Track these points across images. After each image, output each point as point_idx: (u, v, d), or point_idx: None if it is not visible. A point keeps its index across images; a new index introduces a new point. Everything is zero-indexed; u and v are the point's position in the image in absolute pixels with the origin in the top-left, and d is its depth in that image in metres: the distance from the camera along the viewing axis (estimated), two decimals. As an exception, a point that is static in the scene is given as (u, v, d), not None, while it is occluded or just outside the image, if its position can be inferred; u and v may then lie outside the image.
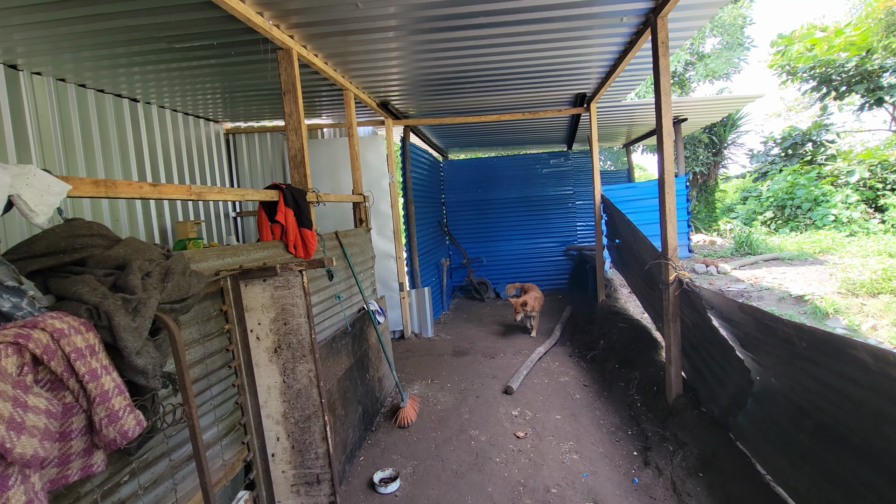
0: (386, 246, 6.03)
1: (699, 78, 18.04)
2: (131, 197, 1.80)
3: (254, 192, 2.89)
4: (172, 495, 1.78)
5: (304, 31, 3.34)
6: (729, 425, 2.92)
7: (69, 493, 1.39)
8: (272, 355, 2.35)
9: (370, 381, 4.03)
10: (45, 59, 3.59)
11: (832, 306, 5.58)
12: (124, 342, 1.32)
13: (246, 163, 6.51)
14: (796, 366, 2.12)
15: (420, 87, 5.09)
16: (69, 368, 1.18)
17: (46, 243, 1.37)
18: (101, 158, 4.37)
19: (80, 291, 1.31)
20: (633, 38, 3.90)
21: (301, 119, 3.36)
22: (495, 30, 3.56)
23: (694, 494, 2.66)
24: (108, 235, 1.52)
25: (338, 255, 3.81)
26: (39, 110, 3.86)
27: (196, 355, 2.04)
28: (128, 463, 1.61)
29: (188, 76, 4.25)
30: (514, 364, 5.09)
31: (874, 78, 12.20)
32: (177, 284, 1.59)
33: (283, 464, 2.42)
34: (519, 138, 9.57)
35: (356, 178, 4.72)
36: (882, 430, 1.69)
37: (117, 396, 1.26)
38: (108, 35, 3.23)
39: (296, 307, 2.31)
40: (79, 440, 1.22)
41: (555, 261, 9.55)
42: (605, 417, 3.83)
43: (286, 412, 2.39)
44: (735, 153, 16.74)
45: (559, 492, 2.90)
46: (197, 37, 3.34)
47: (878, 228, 10.94)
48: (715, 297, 2.76)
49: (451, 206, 9.57)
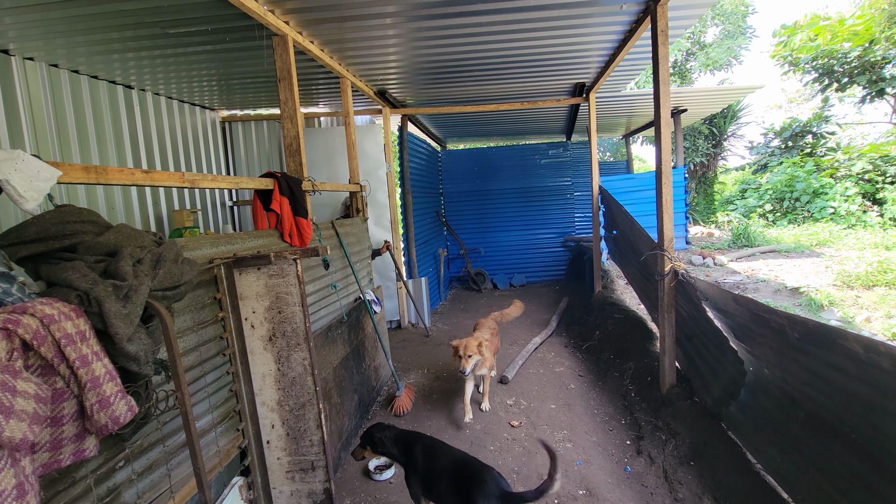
0: (383, 236, 6.02)
1: (700, 68, 17.90)
2: (123, 184, 1.79)
3: (248, 180, 2.87)
4: (167, 481, 1.79)
5: (300, 17, 3.29)
6: (721, 415, 2.94)
7: (63, 477, 1.40)
8: (267, 343, 2.36)
9: (366, 370, 4.05)
10: (37, 43, 3.54)
11: (827, 298, 5.61)
12: (115, 328, 1.31)
13: (242, 151, 6.47)
14: (789, 357, 2.13)
15: (418, 76, 5.04)
16: (60, 354, 1.18)
17: (36, 229, 1.36)
18: (96, 146, 4.33)
19: (70, 277, 1.30)
20: (633, 26, 3.86)
21: (297, 107, 3.32)
22: (494, 17, 3.52)
23: (685, 483, 2.70)
24: (99, 222, 1.51)
25: (334, 244, 3.80)
26: (32, 96, 3.81)
27: (190, 343, 2.04)
28: (122, 449, 1.62)
29: (183, 63, 4.20)
30: (510, 354, 5.12)
31: (876, 69, 12.11)
32: (169, 271, 1.58)
33: (278, 451, 2.44)
34: (518, 128, 9.51)
35: (353, 167, 4.70)
36: (872, 421, 1.70)
37: (108, 382, 1.27)
38: (100, 19, 3.18)
39: (290, 296, 2.31)
40: (70, 425, 1.22)
41: (552, 252, 9.55)
42: (599, 407, 3.86)
43: (281, 400, 2.40)
44: (735, 145, 16.68)
45: (552, 479, 2.93)
46: (191, 22, 3.29)
47: (875, 221, 10.95)
48: (710, 289, 2.76)
49: (448, 197, 9.54)
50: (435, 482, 2.32)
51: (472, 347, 3.56)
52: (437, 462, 2.35)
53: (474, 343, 3.60)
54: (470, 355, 3.54)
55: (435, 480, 2.32)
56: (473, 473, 2.21)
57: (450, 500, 2.27)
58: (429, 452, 2.42)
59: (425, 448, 2.45)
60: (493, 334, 4.10)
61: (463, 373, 3.55)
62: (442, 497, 2.31)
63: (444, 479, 2.29)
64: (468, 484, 2.17)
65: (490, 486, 2.12)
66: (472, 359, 3.54)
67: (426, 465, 2.37)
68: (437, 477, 2.31)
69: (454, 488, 2.23)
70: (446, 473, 2.29)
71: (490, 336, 3.96)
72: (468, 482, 2.18)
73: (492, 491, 2.09)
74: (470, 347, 3.56)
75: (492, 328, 4.19)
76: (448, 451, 2.44)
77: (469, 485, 2.16)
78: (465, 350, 3.55)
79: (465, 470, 2.26)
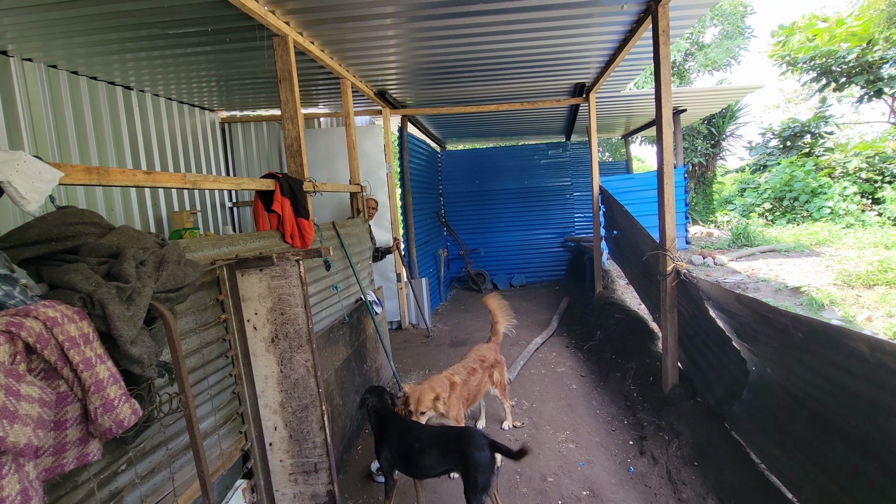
0: (384, 236, 6.00)
1: (699, 68, 17.94)
2: (124, 185, 1.78)
3: (250, 181, 2.86)
4: (170, 484, 1.78)
5: (300, 18, 3.29)
6: (724, 415, 2.93)
7: (66, 481, 1.39)
8: (269, 345, 2.34)
9: (367, 371, 4.04)
10: (35, 44, 3.53)
11: (828, 297, 5.61)
12: (119, 331, 1.30)
13: (242, 152, 6.45)
14: (792, 356, 2.12)
15: (418, 76, 5.03)
16: (63, 357, 1.17)
17: (38, 231, 1.35)
18: (96, 148, 4.32)
19: (73, 280, 1.29)
20: (634, 26, 3.86)
21: (297, 107, 3.32)
22: (494, 17, 3.51)
23: (689, 483, 2.69)
24: (102, 223, 1.50)
25: (335, 245, 3.79)
26: (31, 98, 3.80)
27: (193, 345, 2.03)
28: (125, 452, 1.60)
29: (182, 64, 4.19)
30: (511, 354, 5.11)
31: (874, 69, 12.15)
32: (172, 273, 1.57)
33: (281, 453, 2.43)
34: (517, 129, 9.51)
35: (353, 167, 4.69)
36: (877, 420, 1.70)
37: (112, 385, 1.25)
38: (99, 20, 3.17)
39: (293, 297, 2.30)
40: (74, 429, 1.21)
41: (552, 252, 9.55)
42: (601, 407, 3.86)
43: (284, 402, 2.39)
44: (734, 145, 16.72)
45: (555, 480, 2.92)
46: (191, 22, 3.28)
47: (874, 220, 10.97)
48: (712, 289, 2.76)
49: (448, 197, 9.54)
50: (417, 458, 2.43)
51: (427, 402, 2.76)
52: (417, 441, 2.46)
53: (429, 396, 2.77)
54: (423, 412, 2.74)
55: (416, 457, 2.43)
56: (458, 435, 2.42)
57: (439, 467, 2.43)
58: (405, 433, 2.52)
59: (401, 429, 2.55)
60: (470, 374, 3.17)
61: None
62: (427, 469, 2.45)
63: (427, 453, 2.41)
64: (457, 444, 2.35)
65: (478, 439, 2.33)
66: (425, 416, 2.77)
67: (403, 446, 2.47)
68: (417, 454, 2.42)
69: (443, 455, 2.39)
70: (428, 448, 2.42)
71: (463, 378, 3.08)
72: (457, 442, 2.36)
73: (481, 442, 2.31)
74: (424, 401, 2.75)
75: (471, 367, 3.23)
76: (423, 429, 2.58)
77: (458, 444, 2.35)
78: (418, 405, 2.75)
79: (448, 437, 2.44)
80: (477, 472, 2.24)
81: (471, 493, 2.25)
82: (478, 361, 3.31)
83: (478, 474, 2.24)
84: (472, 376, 3.17)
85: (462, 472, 2.31)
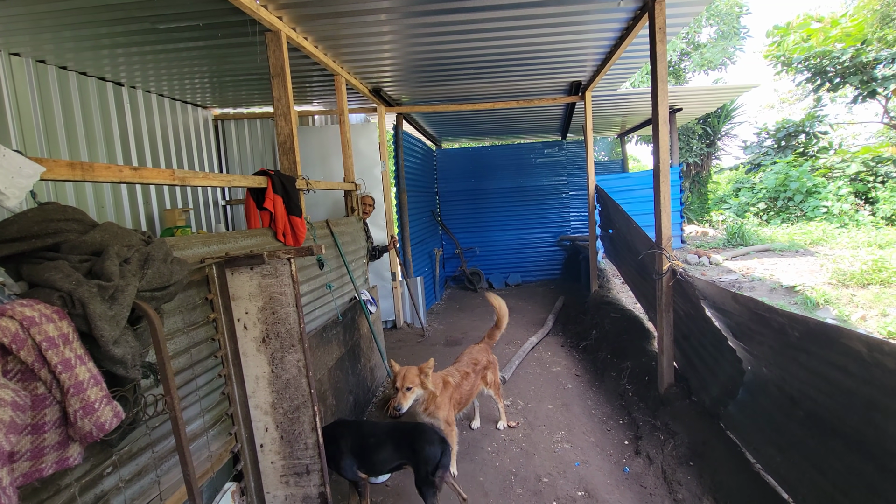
0: (378, 235, 5.96)
1: (694, 68, 17.99)
2: (110, 181, 1.73)
3: (241, 178, 2.81)
4: (156, 488, 1.74)
5: (294, 13, 3.24)
6: (720, 415, 2.92)
7: (47, 486, 1.34)
8: (260, 345, 2.30)
9: (362, 371, 4.00)
10: (23, 38, 3.46)
11: (822, 297, 5.62)
12: (100, 331, 1.26)
13: (235, 150, 6.39)
14: (788, 356, 2.11)
15: (413, 73, 4.99)
16: (41, 358, 1.13)
17: (18, 227, 1.31)
18: (85, 144, 4.25)
19: (52, 278, 1.25)
20: (630, 23, 3.84)
21: (290, 104, 3.27)
22: (490, 13, 3.48)
23: (684, 483, 2.67)
24: (85, 220, 1.46)
25: (329, 243, 3.75)
26: (19, 93, 3.73)
27: (181, 345, 1.98)
28: (109, 455, 1.56)
29: (174, 59, 4.13)
30: (507, 354, 5.09)
31: (868, 70, 12.21)
32: (157, 271, 1.53)
33: (272, 454, 2.39)
34: (513, 127, 9.49)
35: (348, 165, 4.64)
36: (874, 420, 1.68)
37: (93, 387, 1.21)
38: (88, 14, 3.11)
39: (284, 296, 2.26)
40: (53, 433, 1.17)
41: (548, 251, 9.54)
42: (596, 407, 3.84)
43: (275, 402, 2.35)
44: (729, 144, 16.78)
45: (550, 481, 2.90)
46: (181, 17, 3.22)
47: (868, 220, 11.04)
48: (708, 288, 2.74)
49: (444, 196, 9.50)
50: (372, 454, 2.50)
51: (412, 377, 2.72)
52: (371, 436, 2.53)
53: (414, 372, 2.75)
54: (409, 388, 2.68)
55: (371, 453, 2.50)
56: (411, 430, 2.52)
57: (393, 461, 2.50)
58: (357, 433, 2.57)
59: (353, 430, 2.60)
60: (464, 377, 3.14)
61: (398, 410, 2.68)
62: (382, 464, 2.53)
63: (381, 448, 2.49)
64: (409, 439, 2.46)
65: (430, 434, 2.45)
66: (412, 393, 2.70)
67: (359, 443, 2.53)
68: (372, 449, 2.50)
69: (396, 450, 2.48)
70: (382, 443, 2.50)
71: (457, 381, 3.05)
72: (409, 438, 2.46)
73: (432, 437, 2.43)
74: (409, 377, 2.72)
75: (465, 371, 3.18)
76: (376, 425, 2.66)
77: (411, 440, 2.45)
78: (403, 381, 2.70)
79: (401, 432, 2.53)
80: (428, 466, 2.35)
81: (422, 485, 2.37)
82: (470, 365, 3.28)
83: (429, 467, 2.35)
84: (465, 380, 3.16)
85: (413, 465, 2.42)
